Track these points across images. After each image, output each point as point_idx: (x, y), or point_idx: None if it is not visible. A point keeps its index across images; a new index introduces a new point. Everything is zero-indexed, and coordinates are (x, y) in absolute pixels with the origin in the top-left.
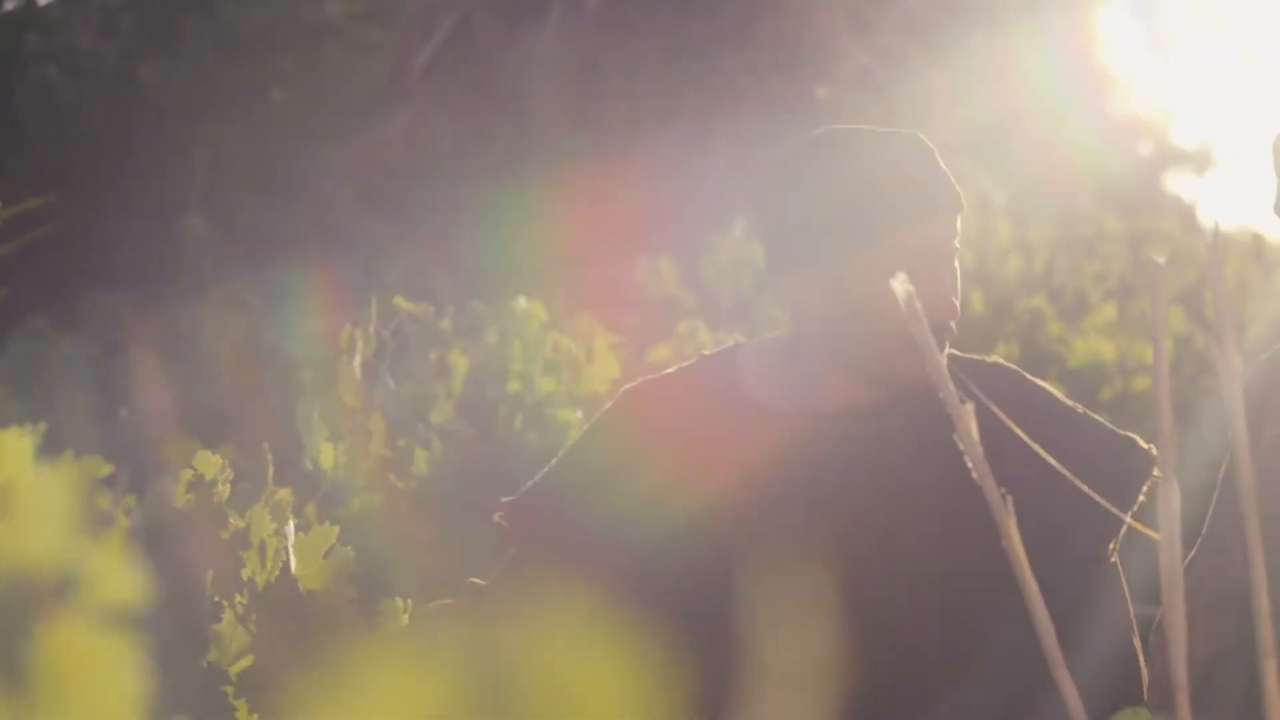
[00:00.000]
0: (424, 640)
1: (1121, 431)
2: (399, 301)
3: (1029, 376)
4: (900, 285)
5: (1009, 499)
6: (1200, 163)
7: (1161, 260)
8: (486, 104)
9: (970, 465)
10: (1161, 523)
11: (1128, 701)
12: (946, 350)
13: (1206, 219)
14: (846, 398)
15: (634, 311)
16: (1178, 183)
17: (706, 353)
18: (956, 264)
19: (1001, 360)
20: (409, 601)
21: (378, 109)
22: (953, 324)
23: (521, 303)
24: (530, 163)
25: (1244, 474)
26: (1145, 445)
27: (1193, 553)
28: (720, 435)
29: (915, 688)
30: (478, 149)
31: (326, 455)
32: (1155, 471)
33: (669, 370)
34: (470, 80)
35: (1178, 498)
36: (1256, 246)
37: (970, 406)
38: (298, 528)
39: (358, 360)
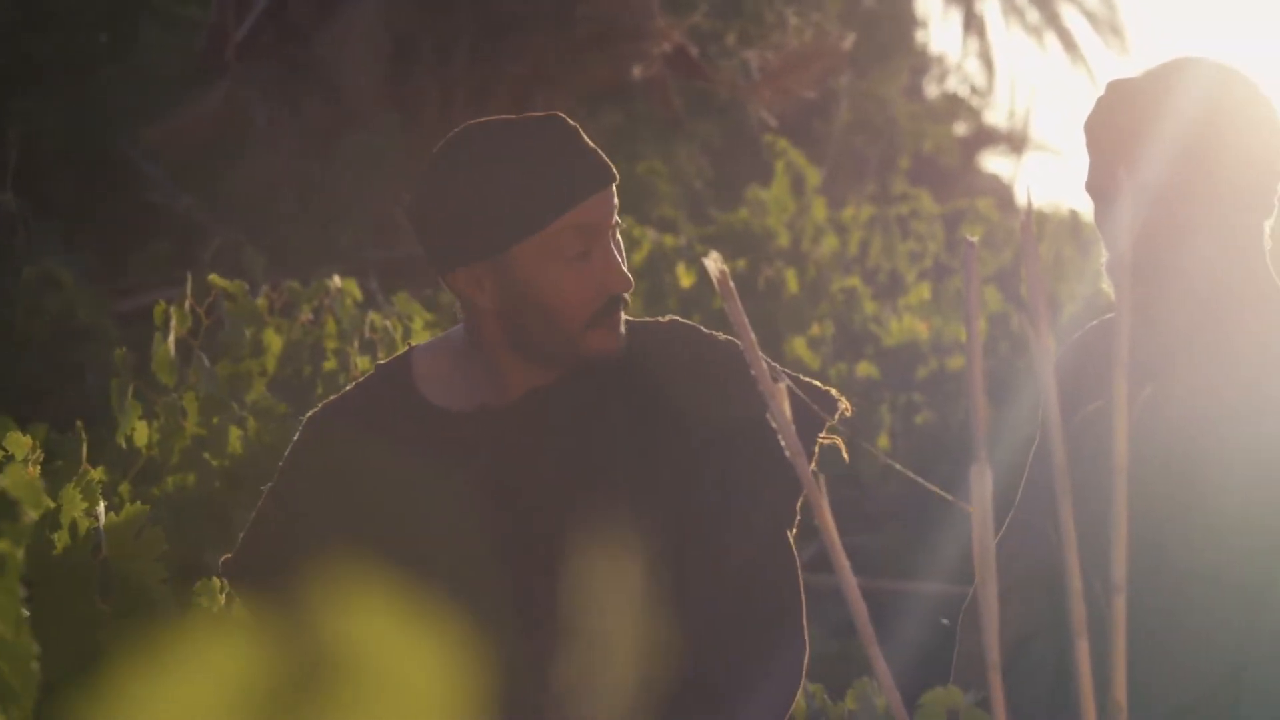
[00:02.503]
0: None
1: (804, 378)
2: (214, 279)
3: (708, 332)
4: (712, 263)
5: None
6: (1017, 142)
7: (975, 240)
8: (301, 81)
9: (784, 444)
10: (974, 502)
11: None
12: (622, 320)
13: (1022, 198)
14: (531, 381)
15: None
16: (994, 162)
17: (381, 361)
18: (619, 237)
19: (678, 318)
20: (224, 582)
21: (192, 86)
22: (626, 295)
23: (336, 281)
24: (345, 140)
25: (1056, 452)
26: (828, 392)
27: (1002, 531)
28: (407, 444)
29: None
30: (292, 126)
31: (141, 434)
32: (833, 418)
33: (346, 389)
34: (285, 57)
35: (989, 477)
36: (1073, 225)
37: (783, 386)
38: (111, 508)
39: (172, 338)
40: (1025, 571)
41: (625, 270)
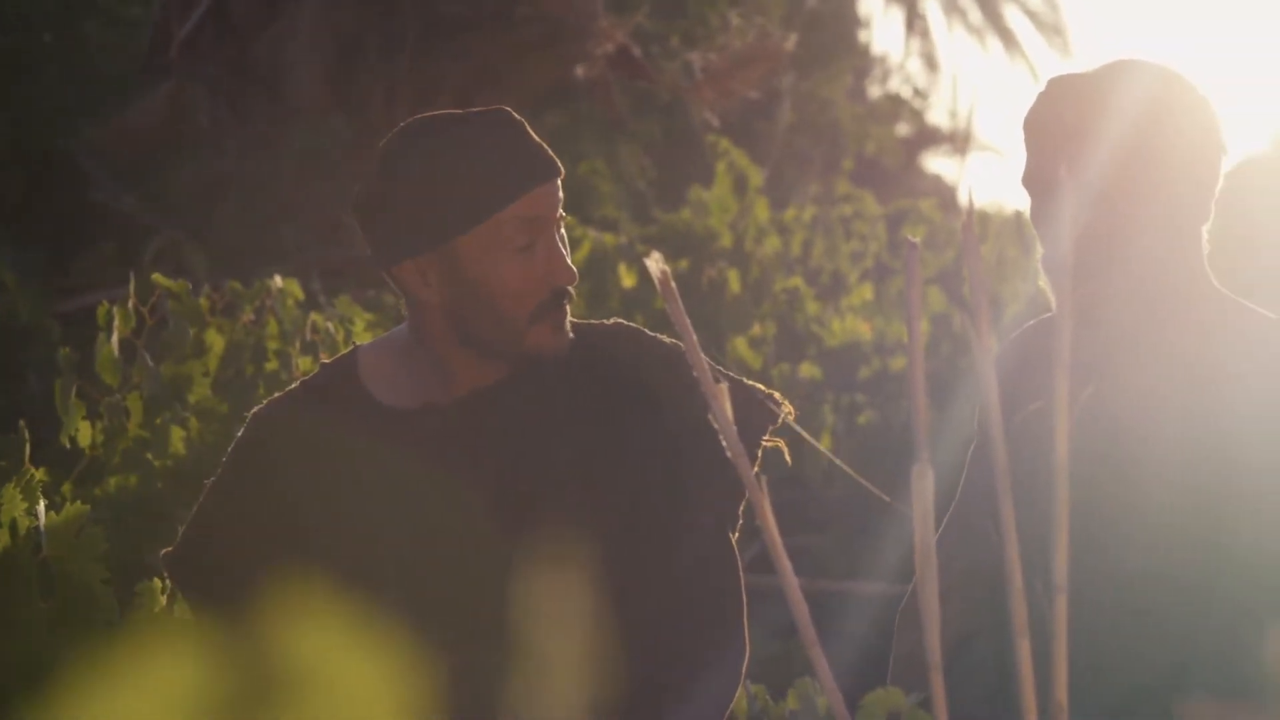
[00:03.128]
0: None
1: (747, 381)
2: (158, 279)
3: (651, 334)
4: (654, 263)
5: (645, 459)
6: (959, 143)
7: (917, 240)
8: (244, 80)
9: (726, 445)
10: (915, 502)
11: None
12: (567, 317)
13: (964, 199)
14: (476, 379)
15: (392, 290)
16: (937, 163)
17: (326, 360)
18: (564, 231)
19: (622, 321)
20: (166, 582)
21: (136, 85)
22: (571, 290)
23: (278, 281)
24: (288, 140)
25: (997, 453)
26: (771, 394)
27: (940, 529)
28: (352, 441)
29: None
30: (235, 125)
31: (84, 434)
32: (777, 421)
33: (292, 386)
34: (228, 57)
35: (931, 477)
36: (1016, 225)
37: (724, 387)
38: (52, 507)
39: (116, 338)
40: (965, 570)
41: (570, 264)
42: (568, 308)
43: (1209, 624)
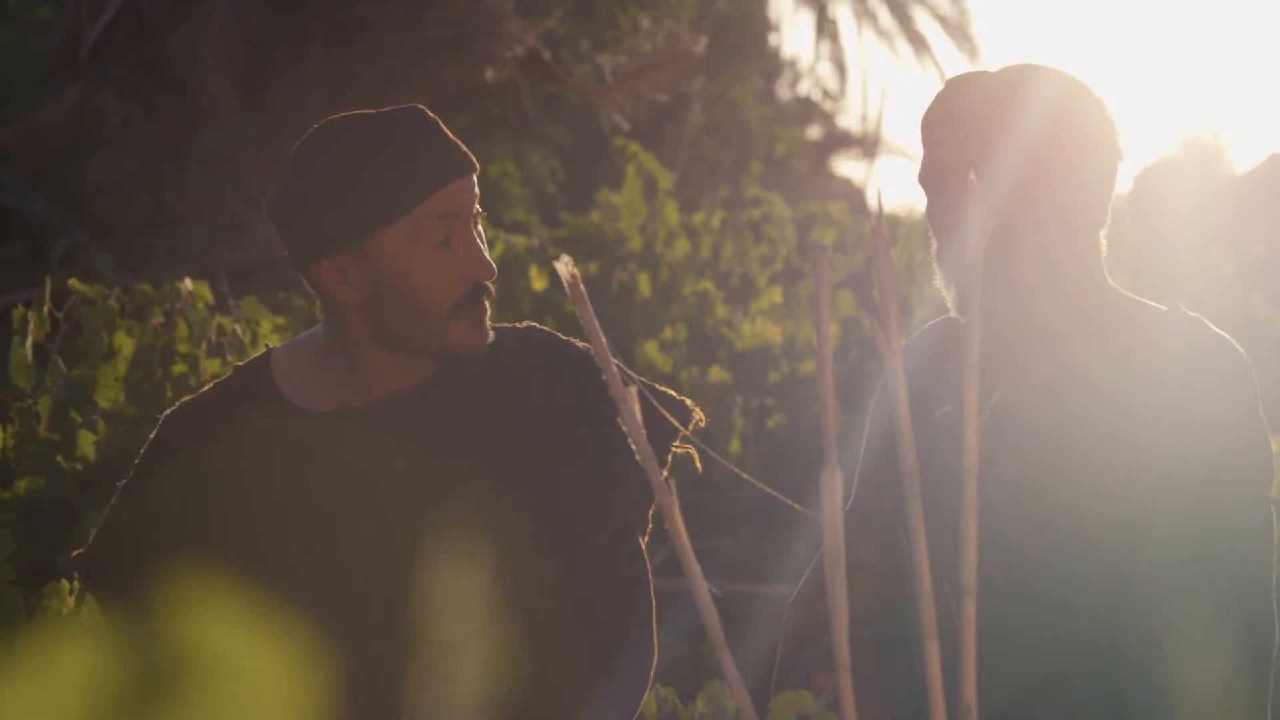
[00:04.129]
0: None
1: (659, 387)
2: (73, 283)
3: (565, 338)
4: (564, 266)
5: (557, 463)
6: (869, 146)
7: (827, 244)
8: (154, 82)
9: (634, 447)
10: (824, 505)
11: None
12: (487, 313)
13: (874, 202)
14: (394, 382)
15: (301, 293)
16: (846, 166)
17: (239, 363)
18: (481, 227)
19: (535, 324)
20: (75, 584)
21: (46, 88)
22: (490, 286)
23: (188, 284)
24: (198, 141)
25: (907, 455)
26: (685, 402)
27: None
28: (266, 444)
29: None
30: (145, 127)
31: None
32: (688, 428)
33: (205, 388)
34: (138, 58)
35: (840, 480)
36: (925, 229)
37: (634, 390)
38: None
39: (29, 342)
40: (850, 565)
41: (488, 259)
42: (487, 304)
43: (1118, 621)
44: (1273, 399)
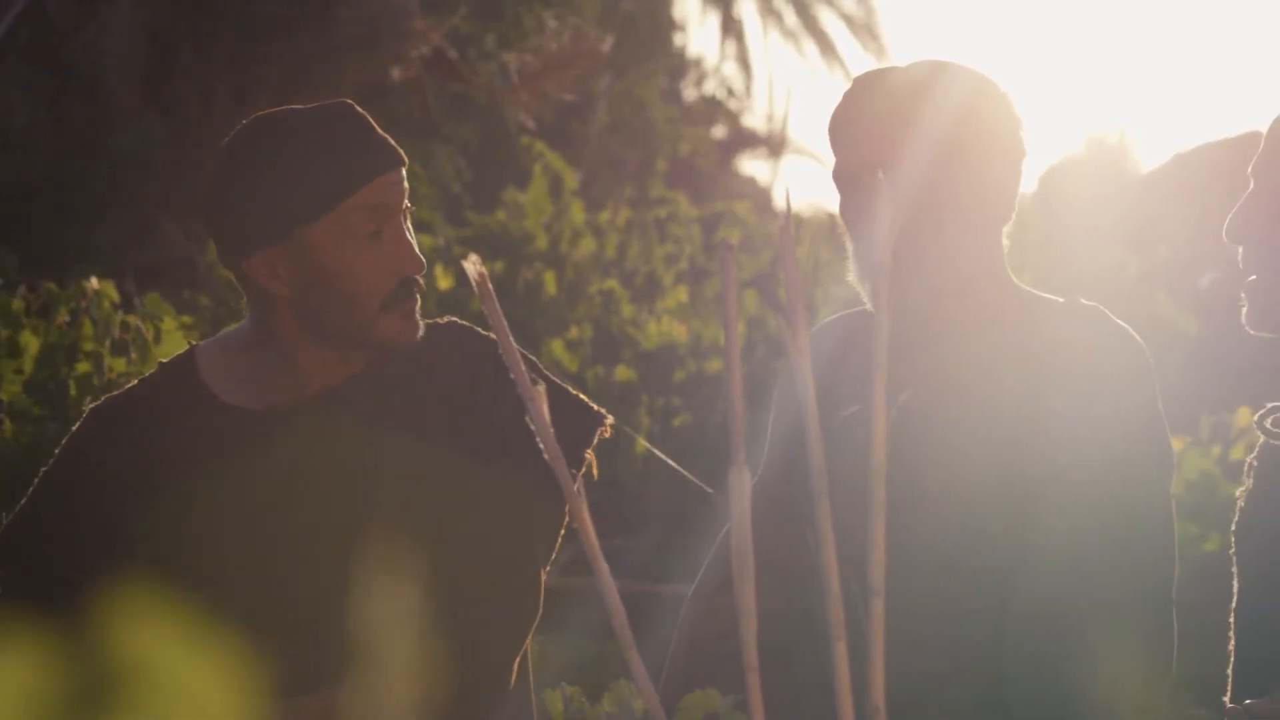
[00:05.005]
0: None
1: (573, 391)
2: None
3: (483, 332)
4: (471, 265)
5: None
6: (774, 145)
7: (733, 243)
8: (60, 81)
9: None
10: (732, 503)
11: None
12: (418, 308)
13: (780, 201)
14: (323, 378)
15: (206, 292)
16: (752, 165)
17: (132, 361)
18: (410, 222)
19: (456, 319)
20: None
21: None
22: (420, 280)
23: (94, 282)
24: (104, 140)
25: (815, 454)
26: (594, 409)
27: (727, 527)
28: (192, 441)
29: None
30: (51, 126)
31: None
32: (602, 433)
33: (131, 384)
34: (44, 57)
35: (748, 479)
36: (830, 228)
37: (543, 389)
38: None
39: None
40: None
41: (418, 253)
42: (418, 298)
43: (1011, 616)
44: (1175, 398)
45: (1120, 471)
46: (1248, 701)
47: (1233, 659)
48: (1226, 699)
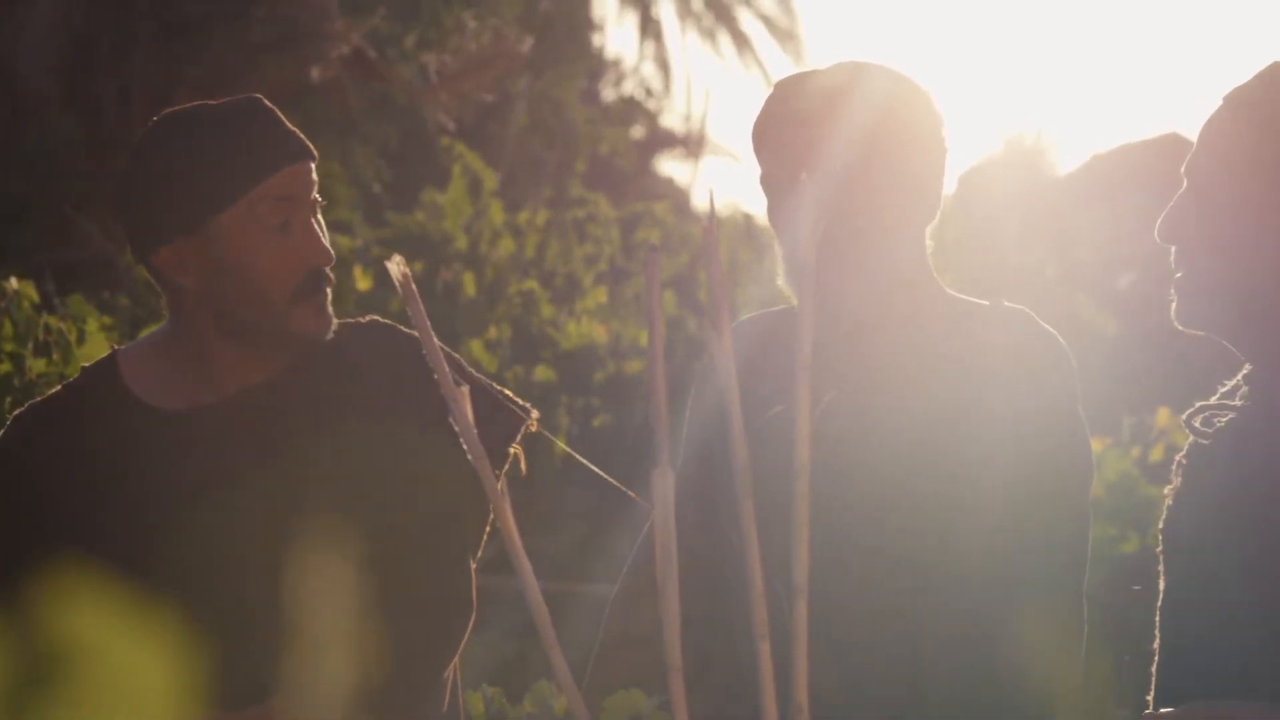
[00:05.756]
0: None
1: (497, 388)
2: None
3: (405, 330)
4: (395, 266)
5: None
6: (693, 146)
7: (656, 245)
8: None
9: (466, 448)
10: (656, 504)
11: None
12: (328, 300)
13: (699, 202)
14: (242, 377)
15: (125, 292)
16: (670, 166)
17: (86, 364)
18: (320, 215)
19: (378, 318)
20: None
21: None
22: (328, 270)
23: (13, 283)
24: (22, 140)
25: (739, 454)
26: (518, 405)
27: (646, 526)
28: (116, 444)
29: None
30: None
31: None
32: (523, 425)
33: (55, 389)
34: None
35: (671, 480)
36: (748, 229)
37: (466, 390)
38: None
39: None
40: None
41: (327, 245)
42: (328, 291)
43: (929, 615)
44: (1095, 400)
45: (1039, 475)
46: (1163, 710)
47: (1157, 658)
48: (1150, 698)
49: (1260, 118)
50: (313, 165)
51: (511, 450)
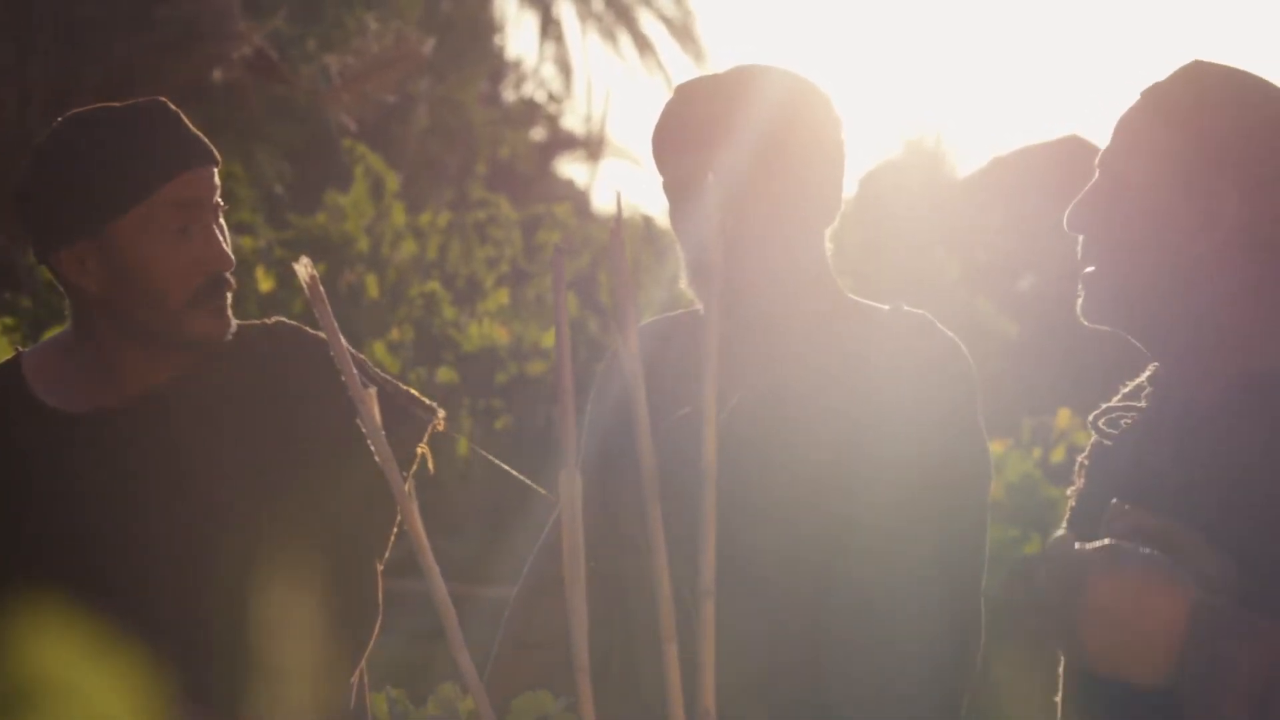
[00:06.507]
0: None
1: (404, 388)
2: None
3: (311, 331)
4: (303, 268)
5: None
6: (593, 148)
7: (564, 247)
8: None
9: (373, 448)
10: (563, 506)
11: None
12: (228, 304)
13: (600, 204)
14: (145, 379)
15: (27, 293)
16: (570, 168)
17: None
18: (223, 219)
19: (283, 319)
20: None
21: None
22: (229, 274)
23: None
24: None
25: (645, 458)
26: (426, 404)
27: (547, 529)
28: (20, 448)
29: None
30: None
31: None
32: (434, 427)
33: None
34: None
35: (579, 481)
36: (647, 231)
37: (373, 392)
38: None
39: None
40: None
41: (227, 250)
42: (228, 295)
43: (829, 618)
44: (996, 401)
45: (936, 478)
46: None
47: (1064, 659)
48: (1058, 699)
49: (1177, 114)
50: (215, 170)
51: (419, 450)
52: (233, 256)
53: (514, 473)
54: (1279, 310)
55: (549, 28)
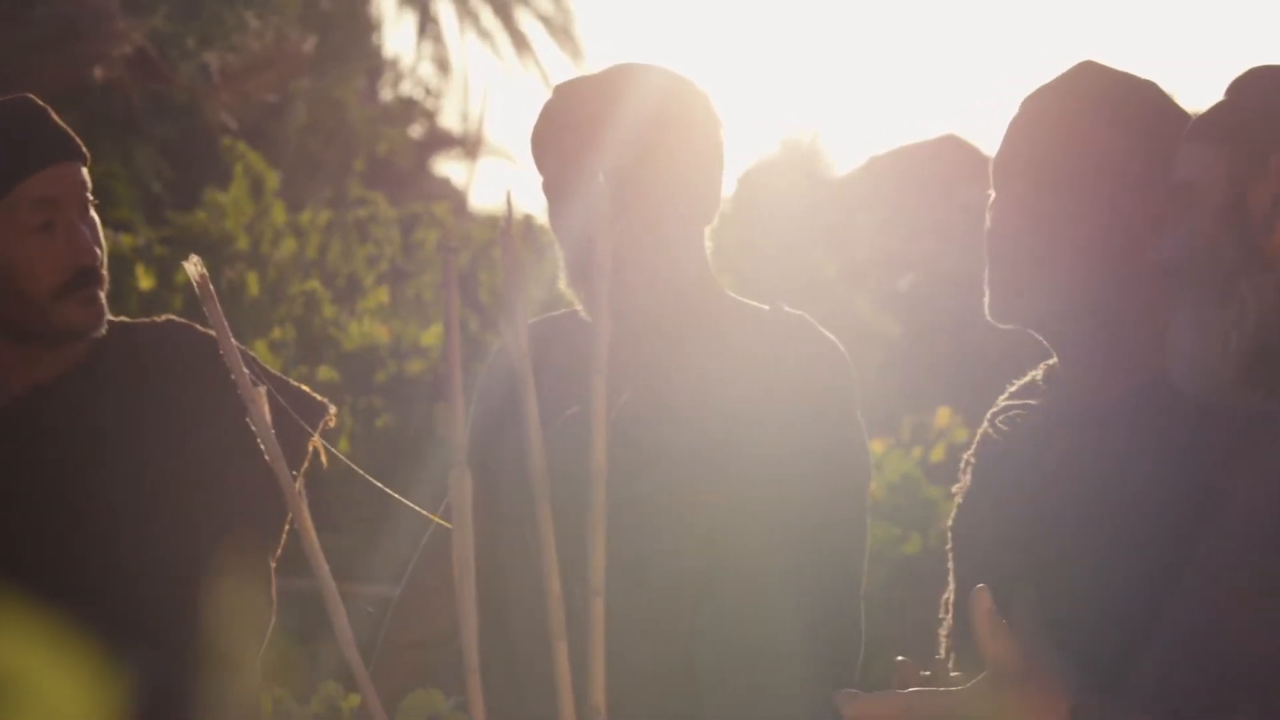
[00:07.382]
0: None
1: (295, 384)
2: None
3: (202, 329)
4: (192, 267)
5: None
6: (470, 146)
7: (432, 244)
8: None
9: (264, 448)
10: (454, 507)
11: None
12: (100, 295)
13: (477, 202)
14: (29, 376)
15: None
16: (447, 166)
17: None
18: (94, 213)
19: (174, 318)
20: None
21: None
22: (99, 269)
23: None
24: None
25: (536, 457)
26: (316, 400)
27: (430, 529)
28: None
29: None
30: None
31: None
32: (326, 423)
33: None
34: None
35: (469, 481)
36: (526, 230)
37: (263, 390)
38: None
39: None
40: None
41: (94, 245)
42: (99, 286)
43: (705, 619)
44: (875, 400)
45: (816, 479)
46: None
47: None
48: None
49: (1120, 116)
50: (81, 166)
51: (311, 445)
52: (101, 251)
53: (371, 478)
54: (1176, 321)
55: (427, 26)
